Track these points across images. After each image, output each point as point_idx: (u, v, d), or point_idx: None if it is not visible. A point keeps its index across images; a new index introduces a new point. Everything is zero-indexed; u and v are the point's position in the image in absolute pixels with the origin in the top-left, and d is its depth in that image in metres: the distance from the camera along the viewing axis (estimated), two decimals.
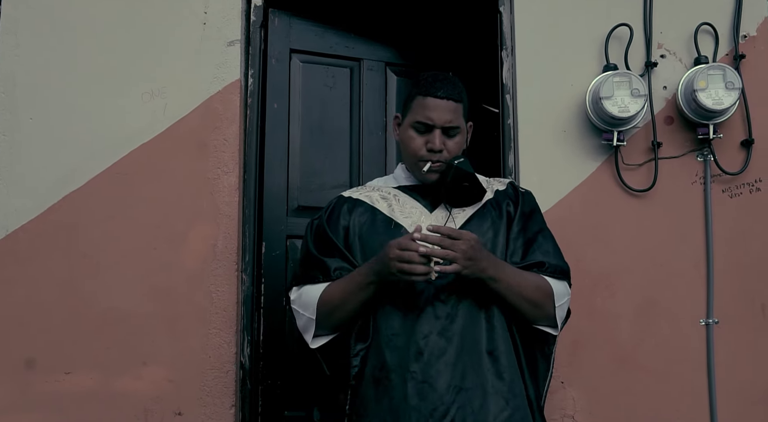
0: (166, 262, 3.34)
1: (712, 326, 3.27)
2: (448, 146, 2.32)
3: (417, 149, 2.33)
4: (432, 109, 2.29)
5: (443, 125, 2.30)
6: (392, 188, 2.45)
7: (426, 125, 2.31)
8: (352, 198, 2.44)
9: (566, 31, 3.44)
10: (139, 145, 3.39)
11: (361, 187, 2.52)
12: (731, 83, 3.20)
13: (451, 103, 2.31)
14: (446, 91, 2.31)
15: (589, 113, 3.30)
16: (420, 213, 2.38)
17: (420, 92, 2.33)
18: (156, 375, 3.28)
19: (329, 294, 2.28)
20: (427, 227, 2.14)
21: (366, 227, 2.35)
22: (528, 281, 2.26)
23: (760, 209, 3.34)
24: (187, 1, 3.48)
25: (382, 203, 2.39)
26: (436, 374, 2.15)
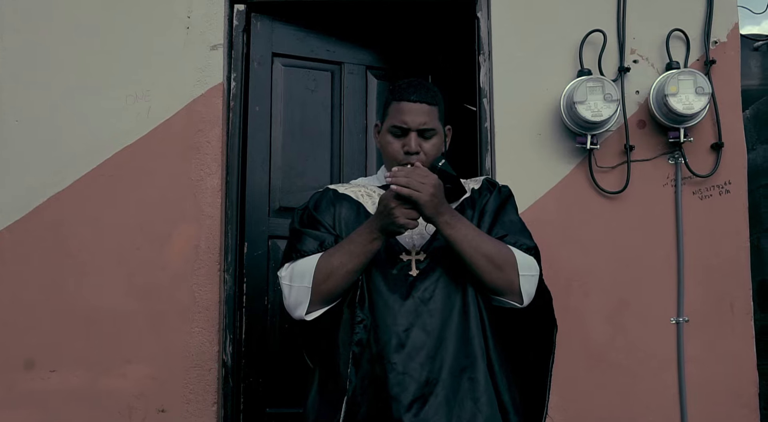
0: (149, 262, 3.40)
1: (683, 324, 3.36)
2: (424, 148, 2.35)
3: (395, 153, 2.36)
4: (406, 112, 2.34)
5: (418, 128, 2.34)
6: (377, 187, 2.49)
7: (401, 128, 2.35)
8: (338, 191, 2.47)
9: (542, 36, 3.52)
10: (123, 147, 3.46)
11: (347, 184, 2.56)
12: (701, 88, 3.30)
13: (425, 106, 2.35)
14: (419, 96, 2.35)
15: (564, 116, 3.38)
16: None
17: (395, 98, 2.38)
18: (140, 372, 3.34)
19: (327, 259, 2.26)
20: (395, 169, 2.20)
21: (350, 219, 2.37)
22: (487, 240, 2.26)
23: (730, 210, 3.43)
24: (171, 6, 3.54)
25: (366, 199, 2.43)
26: (417, 366, 2.18)
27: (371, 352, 2.21)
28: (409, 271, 2.27)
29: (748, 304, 3.39)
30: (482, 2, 3.59)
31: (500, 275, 2.24)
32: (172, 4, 3.54)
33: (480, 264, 2.22)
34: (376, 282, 2.26)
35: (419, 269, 2.27)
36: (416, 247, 2.32)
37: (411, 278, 2.26)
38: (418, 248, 2.32)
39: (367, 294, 2.26)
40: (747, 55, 5.95)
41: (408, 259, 2.30)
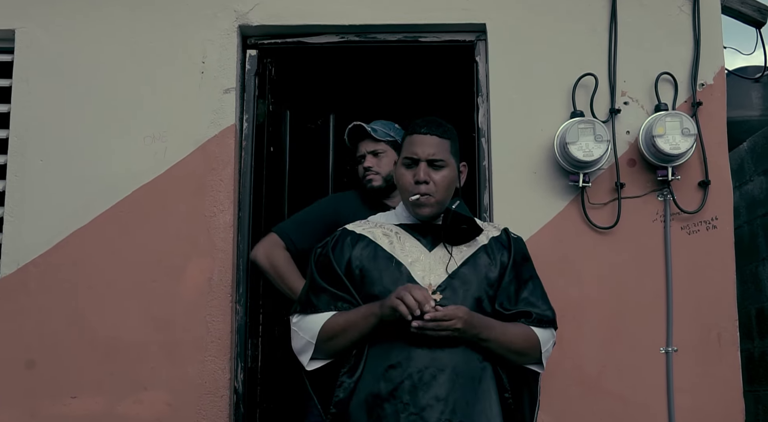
0: (165, 294, 3.58)
1: (672, 354, 3.50)
2: (434, 179, 2.45)
3: (407, 184, 2.47)
4: (416, 144, 2.47)
5: (427, 158, 2.44)
6: (393, 225, 2.56)
7: (412, 159, 2.46)
8: (355, 232, 2.54)
9: (537, 79, 3.69)
10: (141, 185, 3.65)
11: (364, 222, 2.62)
12: (687, 130, 3.46)
13: (435, 138, 2.48)
14: (429, 128, 2.48)
15: (558, 156, 3.55)
16: (419, 252, 2.50)
17: (408, 133, 2.53)
18: (156, 399, 3.51)
19: (332, 323, 2.40)
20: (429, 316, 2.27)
21: (368, 260, 2.45)
22: (516, 336, 2.44)
23: (716, 245, 3.57)
24: (187, 51, 3.75)
25: (383, 240, 2.49)
26: (428, 406, 2.28)
27: (382, 393, 2.33)
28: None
29: (735, 335, 3.52)
30: (480, 47, 3.78)
31: (525, 360, 2.47)
32: (188, 50, 3.74)
33: (511, 358, 2.44)
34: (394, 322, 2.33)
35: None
36: (432, 286, 2.41)
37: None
38: (434, 287, 2.41)
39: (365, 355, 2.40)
40: (748, 87, 6.06)
41: None
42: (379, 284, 2.43)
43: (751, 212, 5.31)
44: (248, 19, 3.76)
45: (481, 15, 3.74)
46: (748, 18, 3.97)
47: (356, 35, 3.82)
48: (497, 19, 3.74)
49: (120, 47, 3.76)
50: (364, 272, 2.46)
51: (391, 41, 3.82)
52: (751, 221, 5.31)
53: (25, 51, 3.77)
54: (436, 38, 3.83)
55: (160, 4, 3.78)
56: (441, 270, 2.45)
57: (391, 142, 3.58)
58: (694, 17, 3.69)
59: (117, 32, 3.77)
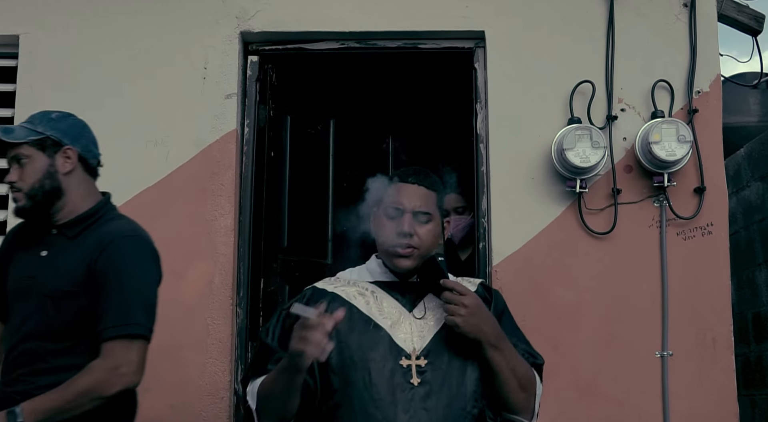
0: (166, 296, 3.56)
1: (667, 358, 3.54)
2: (419, 232, 2.24)
3: (388, 235, 2.24)
4: (402, 194, 2.26)
5: (413, 210, 2.24)
6: (368, 284, 2.32)
7: (397, 209, 2.25)
8: (326, 291, 2.29)
9: (535, 86, 3.74)
10: (143, 189, 3.70)
11: (335, 279, 2.39)
12: (683, 137, 3.51)
13: (422, 189, 2.27)
14: (417, 178, 2.27)
15: (555, 162, 3.59)
16: (399, 313, 2.25)
17: (391, 181, 2.31)
18: (157, 400, 3.52)
19: (264, 383, 2.19)
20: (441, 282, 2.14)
21: (343, 323, 2.12)
22: (521, 362, 2.22)
23: (712, 250, 3.62)
24: (189, 57, 3.80)
25: (359, 300, 2.26)
26: None
27: None
28: (410, 379, 2.14)
29: (730, 339, 3.56)
30: (479, 54, 3.83)
31: (524, 397, 2.22)
32: (190, 55, 3.79)
33: (511, 387, 2.19)
34: (376, 391, 2.12)
35: (421, 378, 2.15)
36: (416, 351, 2.19)
37: (412, 388, 2.13)
38: (418, 351, 2.19)
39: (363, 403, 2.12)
40: (746, 93, 6.11)
41: (408, 364, 2.16)
42: (356, 350, 2.17)
43: (748, 218, 5.36)
44: (250, 25, 3.81)
45: (480, 22, 3.79)
46: (745, 26, 4.01)
47: (356, 42, 3.87)
48: (496, 27, 3.79)
49: (123, 53, 3.81)
50: (340, 336, 2.16)
51: (390, 48, 3.88)
52: (748, 226, 5.36)
53: (29, 56, 3.82)
54: (435, 45, 3.88)
55: (162, 10, 3.83)
56: (424, 332, 2.22)
57: (38, 141, 2.63)
58: (690, 25, 3.73)
59: (120, 38, 3.82)
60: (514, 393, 2.19)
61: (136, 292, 2.59)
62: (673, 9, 3.76)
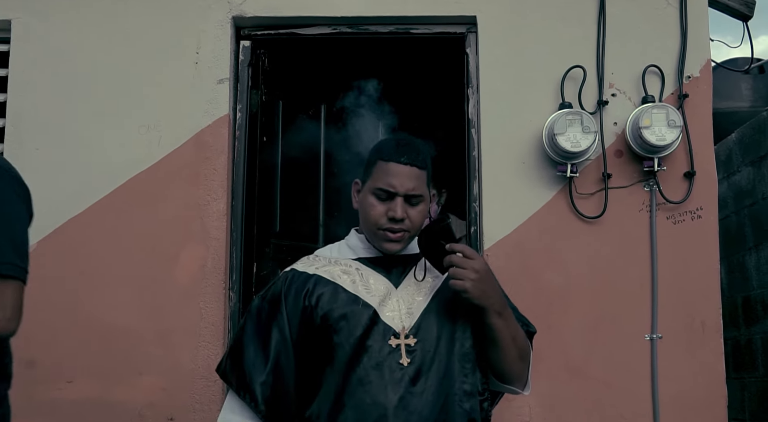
0: (159, 280, 3.65)
1: (656, 340, 3.58)
2: (410, 215, 2.13)
3: (377, 218, 2.12)
4: (394, 175, 2.10)
5: (406, 193, 2.11)
6: (352, 261, 2.21)
7: (387, 192, 2.11)
8: (307, 273, 2.17)
9: (526, 71, 3.76)
10: (136, 173, 3.71)
11: (314, 258, 2.26)
12: (673, 121, 3.53)
13: (415, 169, 2.12)
14: (409, 158, 2.12)
15: (546, 146, 3.61)
16: (386, 289, 2.15)
17: (381, 157, 2.14)
18: (150, 383, 3.58)
19: None
20: (447, 246, 2.04)
21: (329, 304, 2.09)
22: (521, 330, 2.17)
23: (701, 234, 3.65)
24: (181, 42, 3.80)
25: (344, 278, 2.15)
26: None
27: None
28: (399, 359, 2.05)
29: (718, 322, 3.60)
30: (471, 39, 3.84)
31: (521, 367, 2.17)
32: (182, 41, 3.79)
33: (511, 356, 2.13)
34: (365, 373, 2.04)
35: (410, 357, 2.06)
36: (405, 329, 2.09)
37: (402, 368, 2.04)
38: (407, 330, 2.09)
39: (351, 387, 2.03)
40: (738, 78, 6.13)
41: (397, 344, 2.08)
42: (345, 330, 2.07)
43: (739, 202, 5.39)
44: (242, 10, 3.81)
45: (472, 7, 3.80)
46: (735, 11, 4.02)
47: (348, 27, 3.87)
48: (487, 12, 3.80)
49: (115, 38, 3.81)
50: (328, 318, 2.09)
51: (382, 33, 3.89)
52: (739, 211, 5.39)
53: (21, 41, 3.82)
54: (427, 30, 3.89)
55: None
56: (413, 308, 2.13)
57: None
58: (681, 10, 3.75)
59: (112, 23, 3.82)
60: (513, 362, 2.14)
61: (1, 229, 2.23)
62: None
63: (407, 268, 2.20)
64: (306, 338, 2.10)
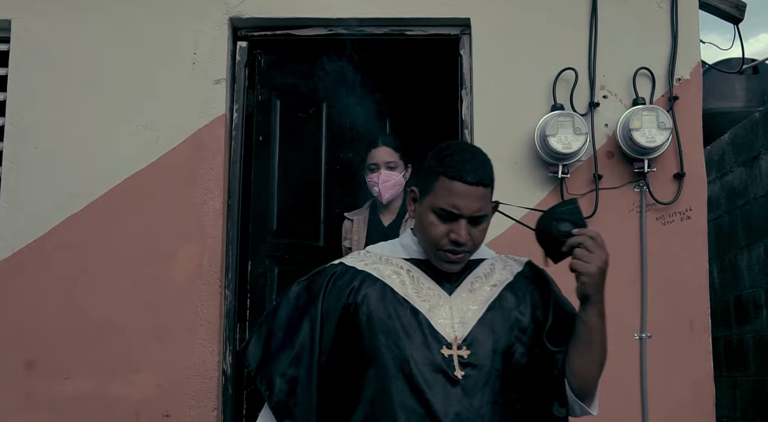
0: (156, 278, 3.70)
1: (645, 339, 3.62)
2: (473, 235, 1.97)
3: (438, 238, 1.96)
4: (459, 196, 1.92)
5: (471, 215, 1.94)
6: (404, 261, 2.07)
7: (450, 213, 1.93)
8: (355, 269, 2.04)
9: (519, 73, 3.80)
10: (133, 172, 3.76)
11: (364, 253, 2.12)
12: (663, 123, 3.57)
13: (481, 189, 1.94)
14: (477, 175, 1.93)
15: (538, 148, 3.65)
16: (438, 295, 2.02)
17: (445, 173, 1.93)
18: (146, 380, 3.63)
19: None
20: (576, 230, 1.97)
21: (375, 305, 1.97)
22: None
23: (690, 235, 3.69)
24: (179, 43, 3.84)
25: (394, 279, 2.02)
26: None
27: None
28: (453, 371, 1.91)
29: (707, 322, 3.64)
30: (465, 41, 3.89)
31: (599, 375, 2.09)
32: (180, 41, 3.84)
33: (598, 361, 2.05)
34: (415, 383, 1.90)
35: (464, 370, 1.92)
36: (458, 340, 1.96)
37: (455, 381, 1.91)
38: (460, 340, 1.96)
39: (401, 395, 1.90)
40: (733, 78, 6.19)
41: (450, 354, 1.94)
42: (392, 335, 1.94)
43: (731, 202, 5.45)
44: (239, 11, 3.86)
45: (466, 10, 3.85)
46: (726, 14, 4.07)
47: (344, 28, 3.91)
48: (481, 14, 3.84)
49: (114, 38, 3.85)
50: (373, 320, 1.96)
51: (378, 34, 3.93)
52: (731, 211, 5.45)
53: (21, 41, 3.87)
54: (421, 32, 3.93)
55: None
56: (466, 318, 1.99)
57: None
58: (672, 14, 3.79)
59: (111, 23, 3.86)
60: (597, 369, 2.06)
61: None
62: None
63: (462, 275, 2.06)
64: (345, 336, 1.97)
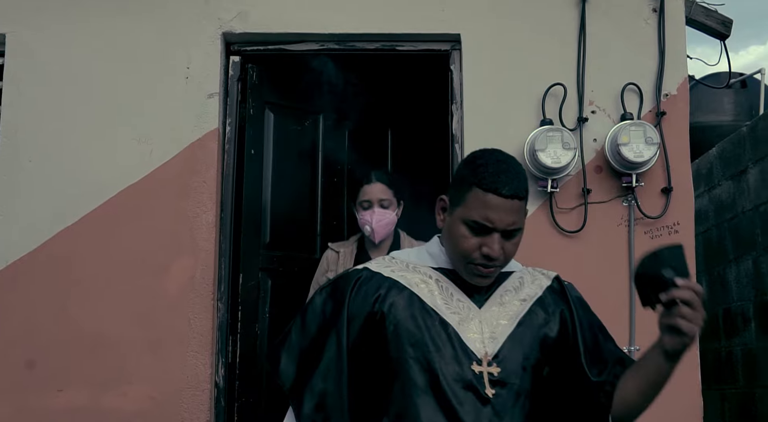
0: (149, 291, 3.72)
1: (634, 352, 3.65)
2: (506, 249, 1.90)
3: (469, 251, 1.88)
4: (494, 209, 1.84)
5: (505, 228, 1.87)
6: (432, 270, 1.99)
7: (484, 227, 1.86)
8: (381, 275, 1.96)
9: (509, 88, 3.85)
10: (126, 186, 3.79)
11: (390, 259, 2.03)
12: (650, 139, 3.62)
13: (516, 202, 1.87)
14: (513, 187, 1.86)
15: (527, 162, 3.68)
16: (468, 308, 1.95)
17: (479, 184, 1.86)
18: (139, 392, 3.65)
19: None
20: (681, 282, 1.84)
21: (403, 314, 1.89)
22: None
23: None
24: (172, 58, 3.88)
25: (422, 288, 1.94)
26: None
27: None
28: (484, 389, 1.85)
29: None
30: (455, 56, 3.93)
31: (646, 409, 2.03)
32: (173, 56, 3.87)
33: (654, 397, 2.04)
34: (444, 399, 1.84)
35: (494, 389, 1.86)
36: (488, 356, 1.89)
37: (485, 399, 1.85)
38: (490, 356, 1.89)
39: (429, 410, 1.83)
40: (721, 92, 6.25)
41: (480, 371, 1.87)
42: (420, 347, 1.87)
43: (719, 216, 5.50)
44: (232, 26, 3.90)
45: (456, 26, 3.89)
46: (713, 30, 4.13)
47: (336, 43, 3.96)
48: (471, 30, 3.89)
49: (108, 52, 3.89)
50: (400, 330, 1.88)
51: (369, 50, 3.97)
52: (719, 224, 5.50)
53: (16, 54, 3.90)
54: (412, 47, 3.98)
55: (147, 11, 3.91)
56: (497, 333, 1.92)
57: None
58: (659, 30, 3.84)
59: (105, 37, 3.90)
60: (649, 403, 2.04)
61: None
62: (642, 14, 3.87)
63: (491, 287, 1.99)
64: (369, 345, 1.89)
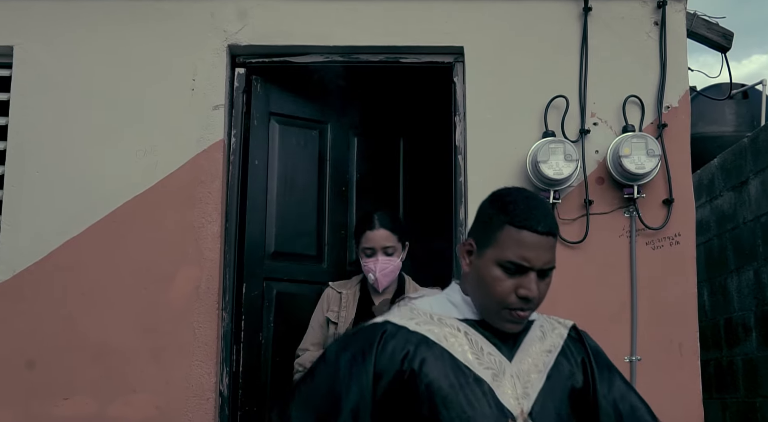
0: (154, 301, 3.75)
1: (636, 362, 3.69)
2: (541, 290, 1.84)
3: (504, 295, 1.81)
4: (530, 247, 1.79)
5: (542, 267, 1.80)
6: (458, 322, 1.91)
7: (520, 266, 1.79)
8: (407, 329, 1.86)
9: (511, 100, 3.88)
10: (132, 196, 3.82)
11: (411, 310, 1.93)
12: (652, 151, 3.65)
13: (551, 239, 1.82)
14: (547, 224, 1.81)
15: (530, 173, 3.73)
16: (500, 362, 1.87)
17: (512, 222, 1.81)
18: (144, 401, 3.67)
19: None
20: None
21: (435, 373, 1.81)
22: None
23: (679, 260, 3.77)
24: (178, 69, 3.92)
25: (452, 342, 1.85)
26: None
27: None
28: None
29: (695, 345, 3.71)
30: (458, 68, 3.97)
31: None
32: (179, 68, 3.91)
33: None
34: None
35: None
36: (524, 413, 1.83)
37: None
38: (525, 414, 1.83)
39: None
40: (723, 103, 6.28)
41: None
42: (455, 408, 1.79)
43: (721, 226, 5.52)
44: (237, 39, 3.93)
45: (460, 38, 3.93)
46: (714, 43, 4.16)
47: (340, 55, 4.00)
48: (474, 43, 3.93)
49: (114, 64, 3.92)
50: (433, 389, 1.79)
51: (373, 62, 4.01)
52: (721, 234, 5.52)
53: (23, 66, 3.94)
54: (416, 59, 4.01)
55: (153, 24, 3.95)
56: (528, 388, 1.86)
57: None
58: (660, 43, 3.88)
59: (112, 50, 3.93)
60: None
61: None
62: (644, 27, 3.91)
63: (518, 337, 1.93)
64: (397, 404, 1.81)
